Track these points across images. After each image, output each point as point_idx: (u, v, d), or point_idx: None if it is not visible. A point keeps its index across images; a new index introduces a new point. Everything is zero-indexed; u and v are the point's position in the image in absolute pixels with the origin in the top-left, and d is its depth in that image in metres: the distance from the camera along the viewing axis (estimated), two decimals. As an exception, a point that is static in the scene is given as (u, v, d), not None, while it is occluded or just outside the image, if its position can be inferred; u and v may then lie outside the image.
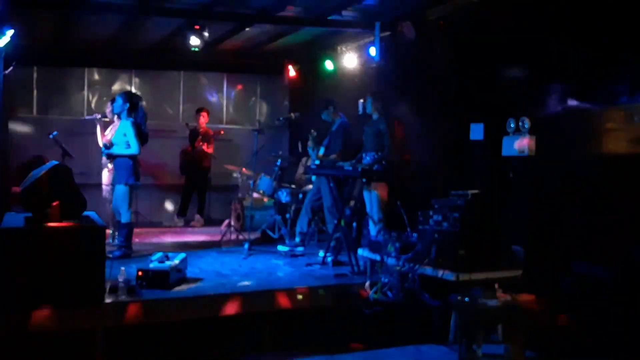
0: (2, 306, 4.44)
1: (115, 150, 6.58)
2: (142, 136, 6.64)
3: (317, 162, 7.31)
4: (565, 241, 5.27)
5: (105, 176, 7.72)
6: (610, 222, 4.94)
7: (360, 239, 6.79)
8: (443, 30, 6.91)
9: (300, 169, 8.98)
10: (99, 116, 7.70)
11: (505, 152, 5.93)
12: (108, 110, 7.70)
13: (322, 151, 7.53)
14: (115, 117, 7.43)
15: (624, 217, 4.84)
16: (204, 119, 9.42)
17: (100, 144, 7.69)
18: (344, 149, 7.25)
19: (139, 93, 9.33)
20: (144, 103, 6.92)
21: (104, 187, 7.75)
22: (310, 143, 7.54)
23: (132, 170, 6.54)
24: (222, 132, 9.34)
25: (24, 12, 7.21)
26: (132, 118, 6.63)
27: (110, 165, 7.30)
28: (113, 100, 7.73)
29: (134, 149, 6.52)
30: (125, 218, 6.59)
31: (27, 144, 8.83)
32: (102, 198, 7.71)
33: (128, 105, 6.65)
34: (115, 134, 6.73)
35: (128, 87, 10.33)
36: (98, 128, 7.65)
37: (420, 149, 7.21)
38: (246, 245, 7.28)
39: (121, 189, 6.55)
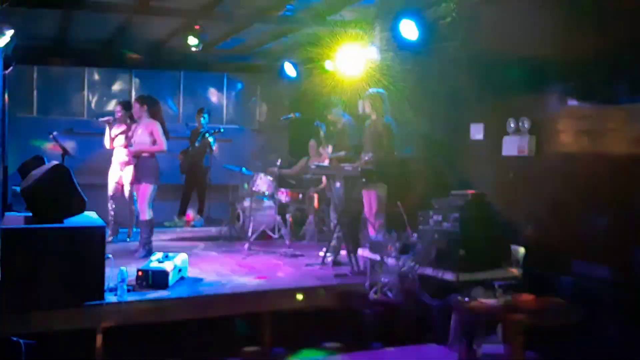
0: (2, 306, 4.44)
1: (143, 147, 6.73)
2: (166, 134, 6.82)
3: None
4: (565, 241, 5.27)
5: (117, 175, 7.74)
6: (611, 222, 4.95)
7: (360, 239, 6.79)
8: (443, 30, 6.91)
9: (301, 165, 8.99)
10: (112, 119, 7.76)
11: (505, 152, 5.94)
12: (118, 113, 7.78)
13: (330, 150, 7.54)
14: (127, 120, 7.64)
15: (625, 217, 4.84)
16: (203, 120, 9.42)
17: (107, 145, 7.77)
18: (355, 145, 7.25)
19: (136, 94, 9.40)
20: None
21: (111, 185, 7.77)
22: (321, 133, 7.51)
23: (156, 170, 6.69)
24: (221, 130, 9.30)
25: (24, 12, 7.22)
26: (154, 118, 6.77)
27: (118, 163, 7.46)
28: (123, 103, 7.84)
29: (161, 146, 6.67)
30: (146, 216, 6.69)
31: (27, 144, 8.83)
32: (107, 196, 7.75)
33: (146, 107, 6.78)
34: (140, 133, 6.83)
35: (128, 87, 10.34)
36: (107, 129, 7.72)
37: (420, 149, 7.21)
38: (246, 245, 7.27)
39: (146, 188, 6.65)
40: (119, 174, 7.73)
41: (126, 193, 7.71)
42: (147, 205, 6.67)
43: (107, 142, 7.78)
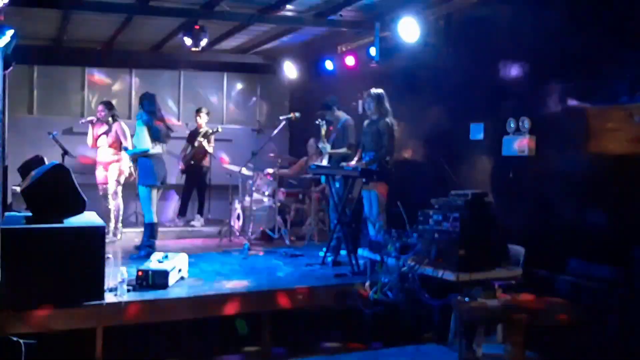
0: (2, 306, 4.44)
1: (135, 150, 6.89)
2: (154, 133, 6.76)
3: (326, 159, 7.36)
4: (565, 241, 5.27)
5: (102, 175, 7.78)
6: (611, 222, 4.95)
7: (360, 239, 6.79)
8: (443, 30, 6.91)
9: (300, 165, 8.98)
10: (94, 119, 7.84)
11: (505, 152, 5.93)
12: (100, 113, 7.84)
13: (328, 148, 7.53)
14: (109, 119, 7.81)
15: (624, 217, 4.84)
16: (201, 119, 9.40)
17: (90, 145, 7.85)
18: (354, 144, 7.26)
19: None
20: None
21: (100, 186, 7.83)
22: (322, 131, 7.48)
23: (150, 171, 6.68)
24: (219, 130, 9.29)
25: (24, 12, 7.21)
26: (141, 117, 6.82)
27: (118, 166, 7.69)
28: (105, 103, 7.91)
29: (145, 147, 6.71)
30: (147, 218, 6.73)
31: (27, 144, 8.83)
32: (99, 197, 7.79)
33: (140, 106, 6.90)
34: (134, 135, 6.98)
35: (128, 87, 10.34)
36: (90, 129, 7.80)
37: (420, 149, 7.22)
38: (246, 245, 7.27)
39: (142, 190, 6.73)
40: (104, 173, 7.78)
41: (110, 191, 7.75)
42: (147, 208, 6.71)
43: (89, 142, 7.88)
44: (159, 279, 5.23)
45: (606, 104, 5.08)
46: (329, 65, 9.02)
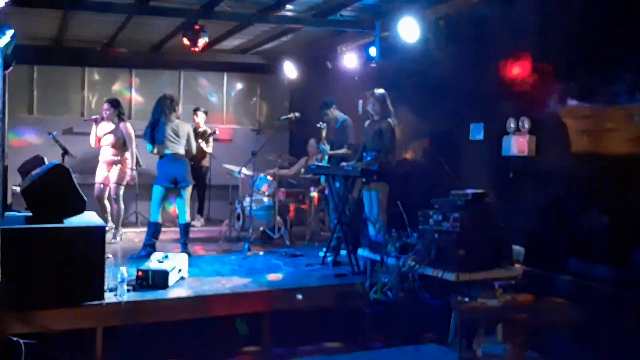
0: (2, 306, 4.44)
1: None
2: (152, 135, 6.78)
3: (325, 160, 7.35)
4: (565, 241, 5.27)
5: (103, 175, 7.74)
6: (611, 222, 4.95)
7: (360, 239, 6.79)
8: (443, 30, 6.91)
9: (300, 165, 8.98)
10: (99, 117, 7.77)
11: (505, 152, 5.94)
12: (106, 112, 7.77)
13: (328, 149, 7.52)
14: (115, 118, 7.69)
15: (624, 217, 4.84)
16: (198, 118, 9.39)
17: (92, 144, 7.78)
18: (354, 144, 7.25)
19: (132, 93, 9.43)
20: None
21: (97, 186, 7.77)
22: (323, 133, 7.47)
23: (159, 171, 6.78)
24: (217, 132, 9.29)
25: (24, 12, 7.22)
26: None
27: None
28: (110, 101, 7.84)
29: (148, 148, 6.79)
30: (151, 217, 6.79)
31: (27, 144, 8.84)
32: (95, 197, 7.77)
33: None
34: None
35: (128, 87, 10.34)
36: (93, 128, 7.72)
37: (420, 149, 7.21)
38: (246, 245, 7.27)
39: (153, 188, 6.80)
40: (105, 173, 7.72)
41: (112, 192, 7.70)
42: (152, 206, 6.76)
43: (92, 141, 7.77)
44: (159, 279, 5.23)
45: (606, 104, 5.08)
46: (329, 65, 9.01)
